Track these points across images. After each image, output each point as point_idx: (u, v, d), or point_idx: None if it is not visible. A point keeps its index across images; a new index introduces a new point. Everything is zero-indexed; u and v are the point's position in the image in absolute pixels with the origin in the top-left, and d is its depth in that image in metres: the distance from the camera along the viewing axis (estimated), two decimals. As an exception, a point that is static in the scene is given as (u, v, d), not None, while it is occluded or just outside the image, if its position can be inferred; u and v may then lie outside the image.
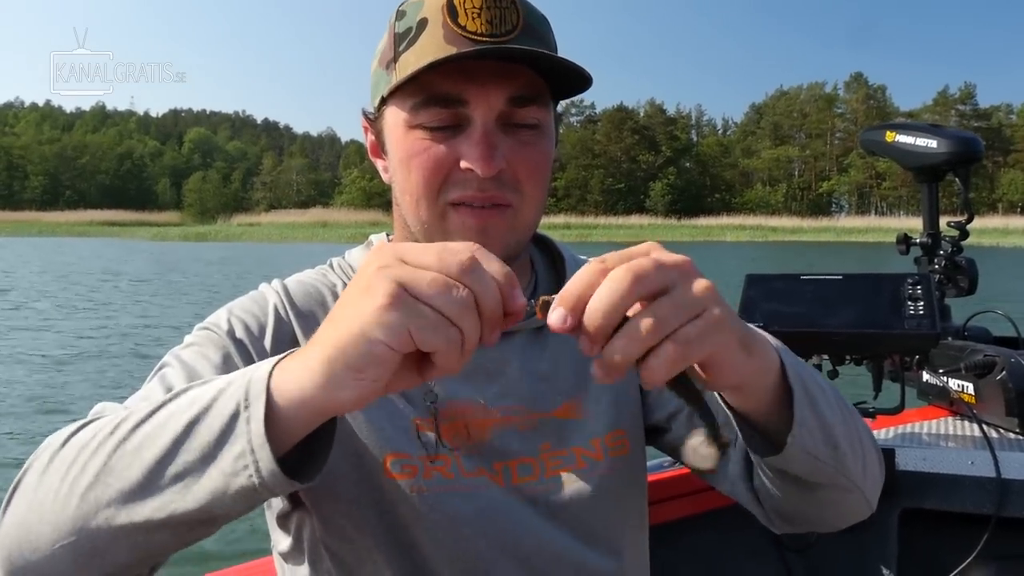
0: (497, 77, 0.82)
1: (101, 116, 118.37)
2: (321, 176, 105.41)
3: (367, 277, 0.57)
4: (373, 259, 0.58)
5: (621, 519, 0.97)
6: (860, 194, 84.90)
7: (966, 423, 1.77)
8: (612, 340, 0.57)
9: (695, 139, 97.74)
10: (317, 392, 0.58)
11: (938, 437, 1.70)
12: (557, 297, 0.58)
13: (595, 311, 0.56)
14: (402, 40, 0.85)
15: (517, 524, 0.89)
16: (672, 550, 1.30)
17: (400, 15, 0.86)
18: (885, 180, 79.55)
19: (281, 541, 0.94)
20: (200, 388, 0.65)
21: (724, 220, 69.53)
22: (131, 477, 0.62)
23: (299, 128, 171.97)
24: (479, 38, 0.80)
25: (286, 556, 0.94)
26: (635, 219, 70.60)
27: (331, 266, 1.00)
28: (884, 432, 1.74)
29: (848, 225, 64.94)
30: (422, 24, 0.83)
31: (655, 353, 0.57)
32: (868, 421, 1.74)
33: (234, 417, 0.60)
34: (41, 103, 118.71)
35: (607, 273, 0.57)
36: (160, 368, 0.85)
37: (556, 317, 0.58)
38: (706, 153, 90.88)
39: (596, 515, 0.93)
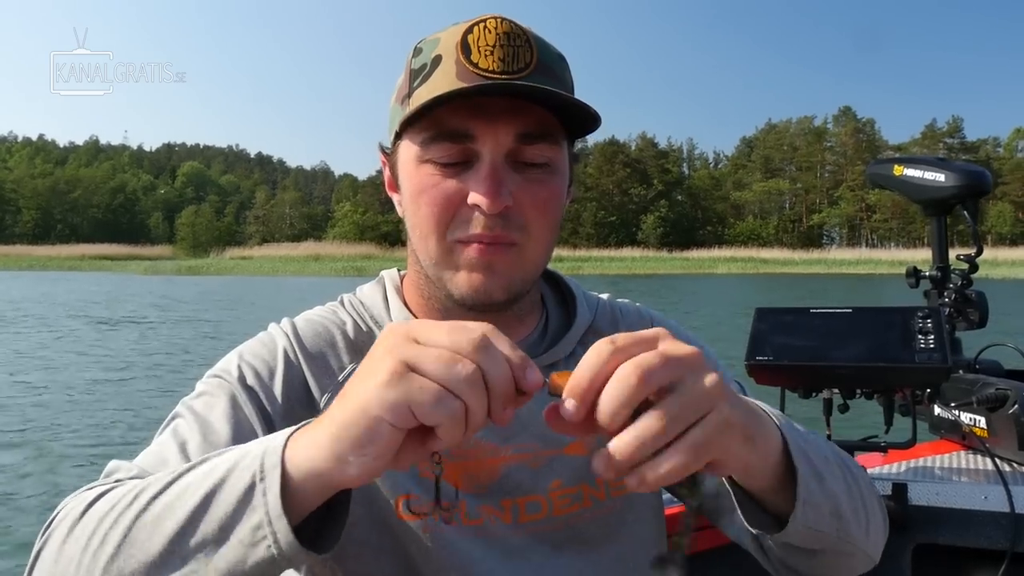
0: (506, 114, 0.81)
1: (94, 150, 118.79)
2: (314, 210, 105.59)
3: (375, 357, 0.58)
4: (384, 339, 0.59)
5: (629, 555, 0.95)
6: (851, 226, 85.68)
7: (979, 457, 1.75)
8: (620, 441, 0.56)
9: (687, 172, 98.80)
10: (325, 467, 0.59)
11: (951, 471, 1.68)
12: (566, 388, 0.58)
13: (603, 412, 0.56)
14: (417, 76, 0.85)
15: (524, 562, 0.89)
16: None
17: (417, 52, 0.87)
18: (875, 212, 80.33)
19: None
20: (217, 459, 0.66)
21: (716, 252, 69.98)
22: (152, 549, 0.62)
23: (292, 162, 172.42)
24: (490, 75, 0.80)
25: None
26: (627, 252, 70.76)
27: (342, 303, 0.98)
28: (896, 466, 1.72)
29: (839, 257, 65.44)
30: (436, 61, 0.83)
31: (663, 457, 0.56)
32: (879, 455, 1.73)
33: (251, 488, 0.61)
34: (34, 137, 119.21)
35: (615, 360, 0.57)
36: (172, 420, 0.85)
37: (568, 409, 0.57)
38: (697, 186, 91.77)
39: (602, 553, 0.93)
